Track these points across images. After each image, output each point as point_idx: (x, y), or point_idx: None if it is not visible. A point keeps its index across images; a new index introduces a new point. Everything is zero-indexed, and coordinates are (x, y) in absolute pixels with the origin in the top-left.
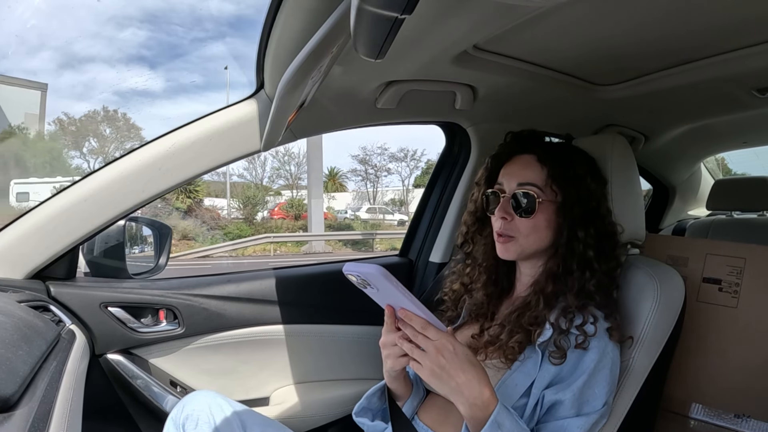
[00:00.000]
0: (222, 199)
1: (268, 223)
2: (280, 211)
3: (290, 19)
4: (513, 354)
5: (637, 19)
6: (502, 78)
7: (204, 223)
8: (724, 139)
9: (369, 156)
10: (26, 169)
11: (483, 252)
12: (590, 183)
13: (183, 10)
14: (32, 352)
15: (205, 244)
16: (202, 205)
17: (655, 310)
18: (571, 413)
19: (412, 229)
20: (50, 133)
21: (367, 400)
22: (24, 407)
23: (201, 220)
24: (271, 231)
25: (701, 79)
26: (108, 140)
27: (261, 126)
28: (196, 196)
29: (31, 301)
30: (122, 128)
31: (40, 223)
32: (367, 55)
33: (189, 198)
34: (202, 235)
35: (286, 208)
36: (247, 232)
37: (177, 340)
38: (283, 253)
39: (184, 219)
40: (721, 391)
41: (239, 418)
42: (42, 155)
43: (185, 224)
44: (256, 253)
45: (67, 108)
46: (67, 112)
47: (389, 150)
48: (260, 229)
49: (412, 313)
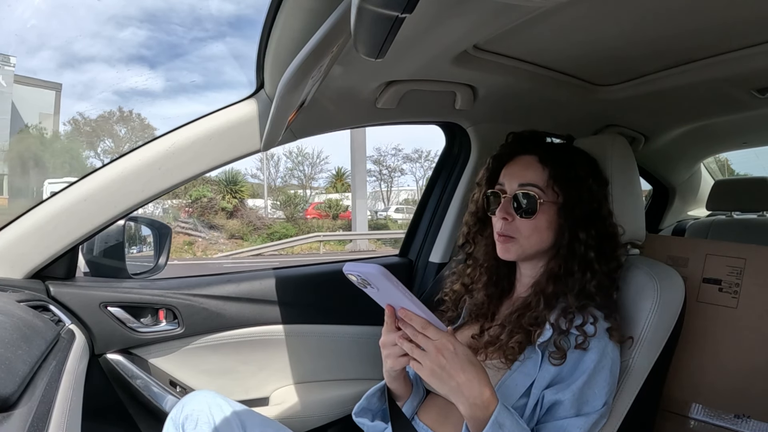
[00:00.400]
0: (259, 199)
1: (310, 222)
2: (314, 211)
3: (290, 18)
4: (513, 354)
5: (638, 20)
6: (502, 78)
7: (250, 222)
8: (724, 140)
9: (383, 157)
10: (46, 169)
11: (484, 252)
12: (592, 184)
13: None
14: (32, 351)
15: (256, 242)
16: (247, 206)
17: (655, 311)
18: (570, 413)
19: (412, 229)
20: (66, 134)
21: (367, 400)
22: (23, 407)
23: (247, 219)
24: (313, 230)
25: (701, 79)
26: (123, 140)
27: (261, 126)
28: (241, 197)
29: (31, 300)
30: (137, 128)
31: (40, 222)
32: (367, 54)
33: (234, 198)
34: (249, 234)
35: (323, 208)
36: (292, 231)
37: (176, 340)
38: (329, 252)
39: (230, 219)
40: (721, 391)
41: (239, 418)
42: (61, 155)
43: (232, 224)
44: (303, 251)
45: (70, 108)
46: (82, 113)
47: (403, 151)
48: (304, 228)
49: (413, 313)
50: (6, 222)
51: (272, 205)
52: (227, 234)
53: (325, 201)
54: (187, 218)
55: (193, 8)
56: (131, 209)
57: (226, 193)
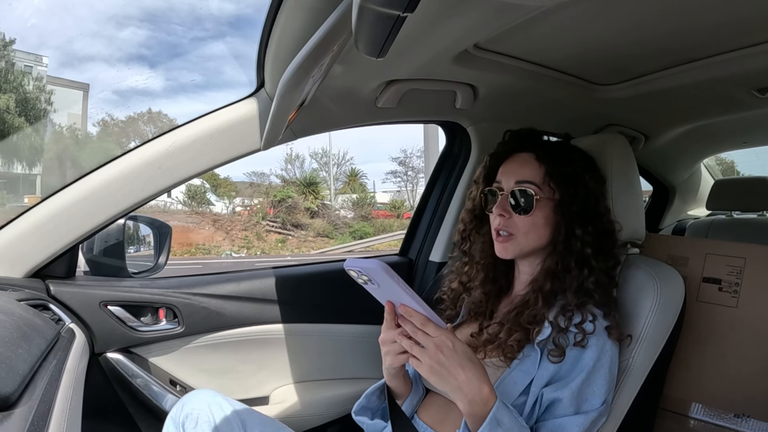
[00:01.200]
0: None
1: (381, 221)
2: (380, 211)
3: (291, 17)
4: (512, 352)
5: (638, 19)
6: (502, 77)
7: (331, 221)
8: (724, 139)
9: (409, 158)
10: (83, 169)
11: (481, 250)
12: (588, 181)
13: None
14: (32, 350)
15: (345, 240)
16: (327, 205)
17: (655, 310)
18: (569, 411)
19: (412, 228)
20: (96, 134)
21: (367, 398)
22: (24, 406)
23: (328, 219)
24: (386, 229)
25: (701, 78)
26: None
27: (261, 125)
28: (323, 198)
29: (31, 299)
30: (165, 128)
31: (40, 221)
32: (368, 53)
33: (317, 199)
34: (332, 232)
35: (387, 208)
36: (370, 229)
37: (176, 339)
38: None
39: (313, 218)
40: (721, 390)
41: (239, 417)
42: (98, 156)
43: (318, 222)
44: (382, 248)
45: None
46: (111, 113)
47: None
48: (378, 227)
49: (412, 309)
50: (6, 221)
51: (340, 205)
52: (314, 232)
53: (390, 201)
54: (275, 217)
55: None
56: (131, 208)
57: (309, 194)
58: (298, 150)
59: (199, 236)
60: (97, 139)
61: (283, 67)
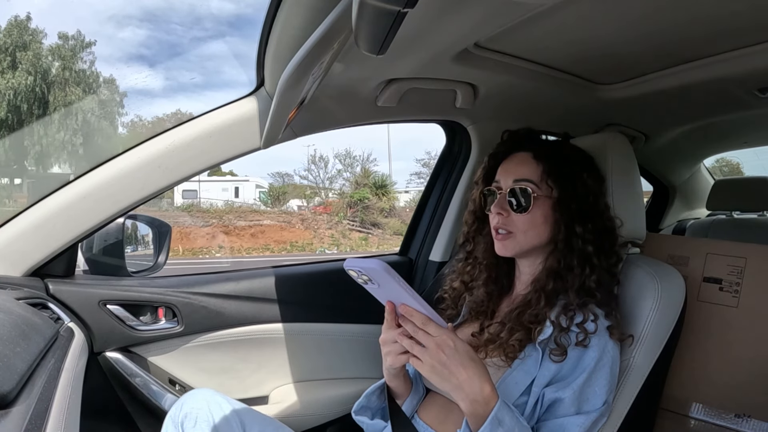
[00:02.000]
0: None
1: None
2: None
3: (291, 15)
4: (513, 352)
5: (638, 18)
6: (502, 76)
7: (404, 222)
8: (724, 139)
9: (433, 160)
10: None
11: (483, 250)
12: (587, 179)
13: (182, 9)
14: (30, 349)
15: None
16: (399, 205)
17: (656, 309)
18: (571, 411)
19: (412, 227)
20: (126, 135)
21: (367, 398)
22: (21, 404)
23: (400, 218)
24: None
25: (702, 78)
26: None
27: (261, 123)
28: (394, 199)
29: (30, 298)
30: None
31: (39, 220)
32: (368, 50)
33: (390, 200)
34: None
35: None
36: None
37: (176, 339)
38: None
39: (387, 218)
40: (722, 390)
41: (238, 416)
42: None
43: (393, 222)
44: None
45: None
46: (139, 114)
47: None
48: None
49: (413, 309)
50: (5, 219)
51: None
52: (390, 231)
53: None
54: (353, 217)
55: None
56: (131, 207)
57: (382, 195)
58: (322, 151)
59: (292, 234)
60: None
61: (283, 65)
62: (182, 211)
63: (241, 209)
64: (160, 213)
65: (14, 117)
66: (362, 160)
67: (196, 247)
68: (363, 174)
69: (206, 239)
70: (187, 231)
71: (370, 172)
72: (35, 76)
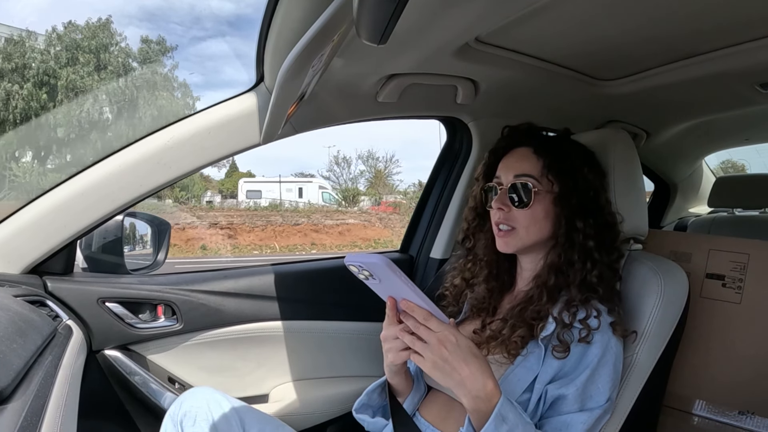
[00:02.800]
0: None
1: None
2: None
3: (291, 8)
4: (516, 349)
5: (640, 13)
6: (503, 72)
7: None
8: (726, 136)
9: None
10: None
11: (484, 247)
12: (587, 173)
13: (182, 9)
14: (27, 346)
15: None
16: None
17: (659, 306)
18: (574, 408)
19: (413, 225)
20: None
21: (368, 396)
22: (17, 401)
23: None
24: None
25: (704, 74)
26: None
27: (260, 119)
28: None
29: (28, 295)
30: None
31: (38, 217)
32: (369, 39)
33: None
34: None
35: None
36: None
37: (175, 336)
38: None
39: None
40: (725, 387)
41: (238, 415)
42: None
43: None
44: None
45: None
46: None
47: None
48: None
49: (415, 304)
50: (3, 216)
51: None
52: None
53: None
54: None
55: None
56: (130, 204)
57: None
58: (345, 152)
59: (374, 232)
60: None
61: (283, 60)
62: (271, 210)
63: (326, 209)
64: (250, 212)
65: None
66: (385, 160)
67: (291, 244)
68: (376, 176)
69: (299, 237)
70: (281, 229)
71: (383, 172)
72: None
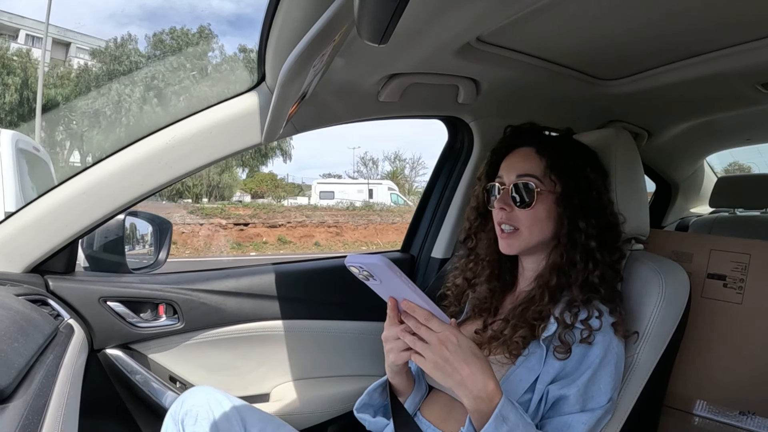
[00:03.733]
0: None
1: None
2: None
3: (292, 8)
4: (517, 349)
5: (641, 13)
6: (505, 71)
7: None
8: (727, 136)
9: None
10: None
11: (486, 247)
12: (589, 173)
13: (183, 8)
14: (28, 344)
15: None
16: None
17: (660, 306)
18: (575, 409)
19: (414, 224)
20: None
21: (369, 395)
22: (19, 399)
23: None
24: None
25: (706, 73)
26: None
27: (262, 118)
28: None
29: (29, 294)
30: None
31: (39, 216)
32: (370, 39)
33: None
34: None
35: None
36: None
37: (176, 336)
38: None
39: None
40: (726, 387)
41: (239, 414)
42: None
43: None
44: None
45: None
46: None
47: None
48: None
49: (416, 305)
50: (5, 216)
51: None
52: None
53: None
54: None
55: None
56: (131, 203)
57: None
58: (372, 153)
59: None
60: None
61: (284, 59)
62: (368, 211)
63: (413, 210)
64: (350, 212)
65: None
66: (412, 162)
67: (391, 240)
68: (392, 175)
69: (396, 234)
70: (381, 227)
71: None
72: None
